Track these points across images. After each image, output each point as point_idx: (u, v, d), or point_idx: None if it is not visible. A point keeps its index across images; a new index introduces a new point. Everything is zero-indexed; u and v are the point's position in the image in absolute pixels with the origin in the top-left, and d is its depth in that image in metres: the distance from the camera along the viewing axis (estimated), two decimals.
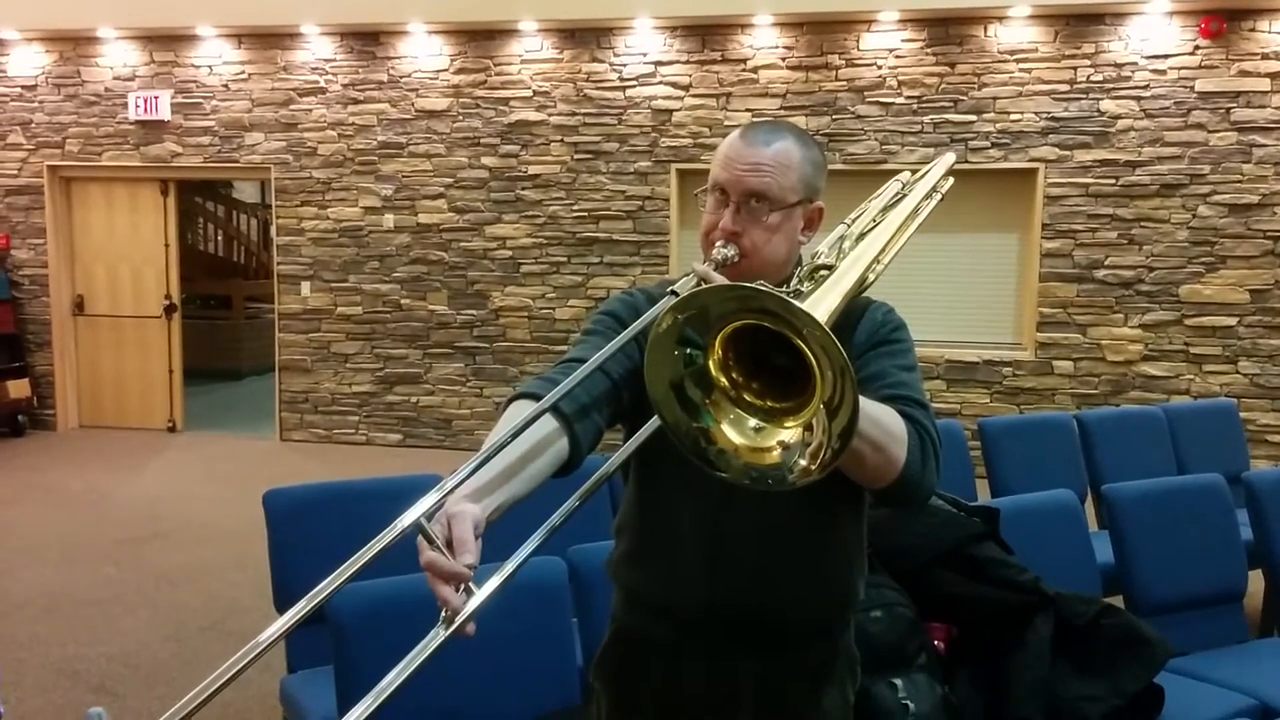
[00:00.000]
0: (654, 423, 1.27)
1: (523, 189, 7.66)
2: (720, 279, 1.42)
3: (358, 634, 2.14)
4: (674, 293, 1.43)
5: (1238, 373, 6.86)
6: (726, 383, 1.21)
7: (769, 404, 1.21)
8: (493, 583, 1.06)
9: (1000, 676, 2.54)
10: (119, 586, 4.84)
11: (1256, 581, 3.49)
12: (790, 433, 1.18)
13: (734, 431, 1.21)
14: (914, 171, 1.89)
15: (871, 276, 1.42)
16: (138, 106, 8.07)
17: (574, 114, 7.54)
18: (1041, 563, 2.75)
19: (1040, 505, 3.30)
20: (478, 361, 7.87)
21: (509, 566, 1.10)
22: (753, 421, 1.21)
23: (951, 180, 1.85)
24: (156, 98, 8.05)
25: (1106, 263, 6.94)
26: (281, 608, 2.89)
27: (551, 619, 2.46)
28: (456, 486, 1.08)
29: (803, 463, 1.15)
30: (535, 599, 2.43)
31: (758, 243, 1.50)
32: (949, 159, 1.90)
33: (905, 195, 1.72)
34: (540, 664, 2.42)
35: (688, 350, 1.19)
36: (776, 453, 1.18)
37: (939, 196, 1.77)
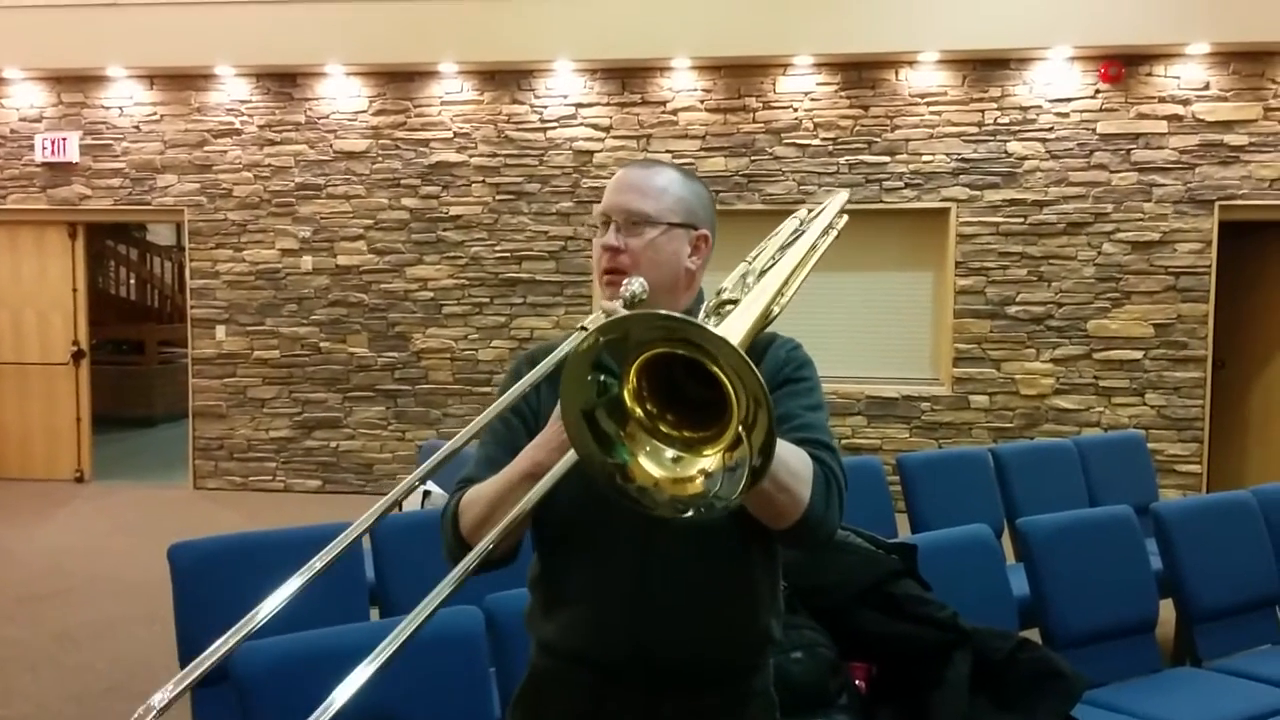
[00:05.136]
0: (541, 486, 1.31)
1: (444, 230, 7.61)
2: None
3: (262, 693, 2.06)
4: (584, 328, 1.42)
5: (1145, 404, 7.07)
6: (642, 413, 1.21)
7: (685, 434, 1.21)
8: None
9: (921, 714, 2.55)
10: (19, 646, 4.62)
11: (1167, 610, 3.57)
12: (710, 460, 1.18)
13: (652, 464, 1.20)
14: (810, 209, 1.93)
15: (776, 309, 1.43)
16: (45, 148, 7.85)
17: (495, 155, 7.54)
18: (959, 598, 2.78)
19: (957, 540, 3.33)
20: (399, 405, 7.75)
21: None
22: (670, 452, 1.20)
23: (846, 217, 1.89)
24: (65, 139, 7.84)
25: (1018, 299, 7.12)
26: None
27: (468, 668, 2.40)
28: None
29: (727, 487, 1.15)
30: (452, 648, 2.38)
31: (638, 259, 1.55)
32: (842, 197, 1.94)
33: (803, 232, 1.75)
34: (457, 713, 2.37)
35: (602, 378, 1.19)
36: (699, 481, 1.18)
37: (834, 233, 1.81)
